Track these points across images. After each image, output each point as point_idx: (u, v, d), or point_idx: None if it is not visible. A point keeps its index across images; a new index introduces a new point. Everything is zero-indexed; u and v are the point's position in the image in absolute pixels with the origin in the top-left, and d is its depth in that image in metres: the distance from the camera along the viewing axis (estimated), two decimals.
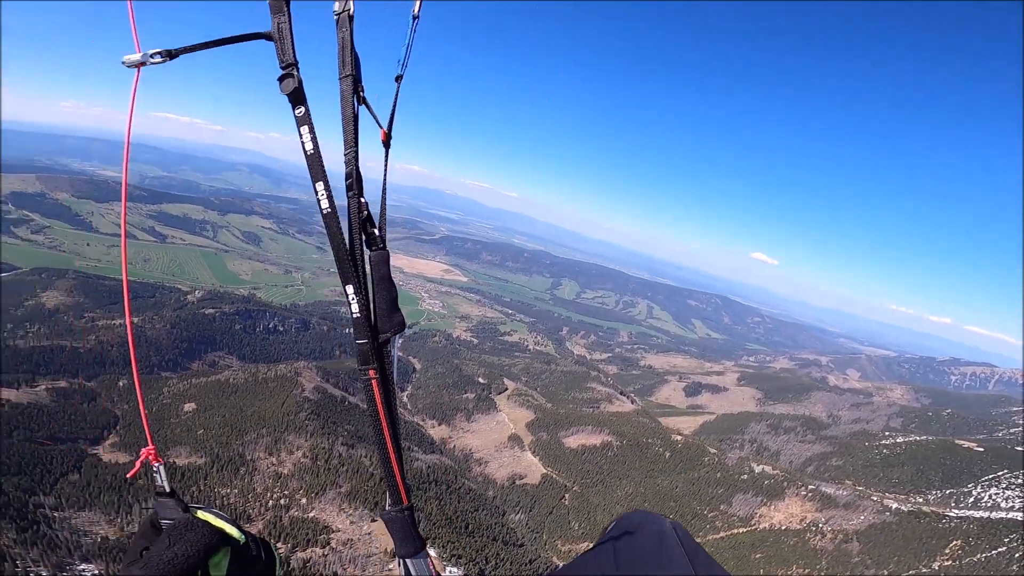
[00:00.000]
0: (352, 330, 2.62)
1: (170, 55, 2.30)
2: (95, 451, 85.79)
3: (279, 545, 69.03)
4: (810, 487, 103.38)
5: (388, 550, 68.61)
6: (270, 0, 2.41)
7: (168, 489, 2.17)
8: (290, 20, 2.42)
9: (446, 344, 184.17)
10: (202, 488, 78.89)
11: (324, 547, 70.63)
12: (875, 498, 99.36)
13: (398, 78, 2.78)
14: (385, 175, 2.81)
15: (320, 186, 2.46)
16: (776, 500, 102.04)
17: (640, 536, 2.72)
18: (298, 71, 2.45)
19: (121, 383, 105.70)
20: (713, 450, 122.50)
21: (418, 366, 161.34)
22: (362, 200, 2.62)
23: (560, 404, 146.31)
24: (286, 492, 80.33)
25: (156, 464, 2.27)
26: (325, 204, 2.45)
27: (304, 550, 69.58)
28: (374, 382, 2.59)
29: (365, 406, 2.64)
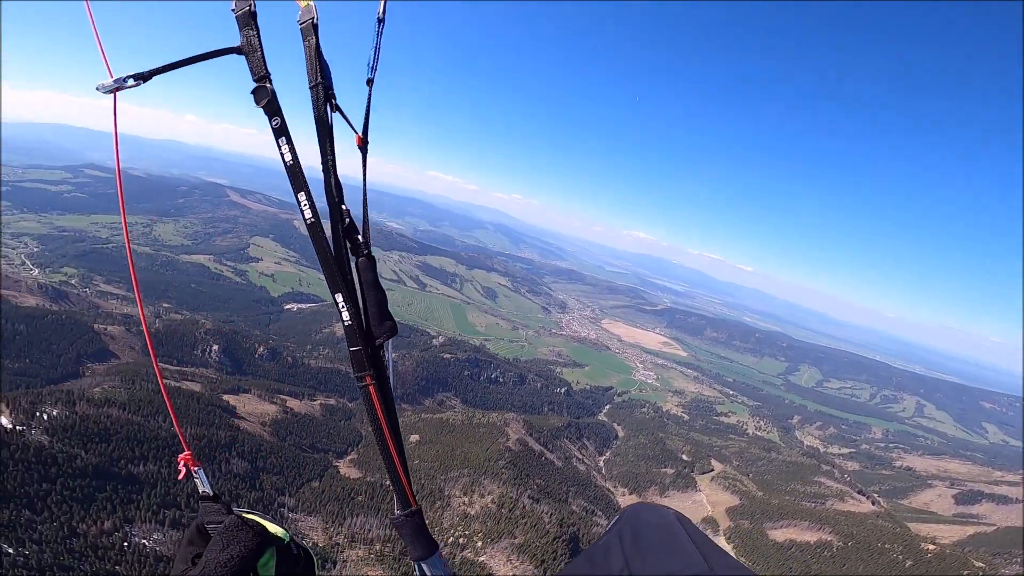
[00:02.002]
0: (345, 338, 2.57)
1: (143, 78, 2.30)
2: (338, 464, 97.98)
3: None
4: None
5: None
6: (237, 15, 2.37)
7: (211, 493, 2.25)
8: (258, 33, 2.37)
9: (654, 416, 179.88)
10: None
11: None
12: None
13: (369, 81, 2.71)
14: (365, 180, 2.77)
15: (302, 196, 2.47)
16: None
17: (646, 529, 2.62)
18: (270, 82, 2.41)
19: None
20: (980, 564, 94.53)
21: (620, 434, 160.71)
22: (344, 208, 2.61)
23: (773, 494, 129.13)
24: (467, 532, 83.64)
25: (195, 468, 2.39)
26: (308, 214, 2.45)
27: None
28: (371, 388, 2.53)
29: (367, 415, 2.57)
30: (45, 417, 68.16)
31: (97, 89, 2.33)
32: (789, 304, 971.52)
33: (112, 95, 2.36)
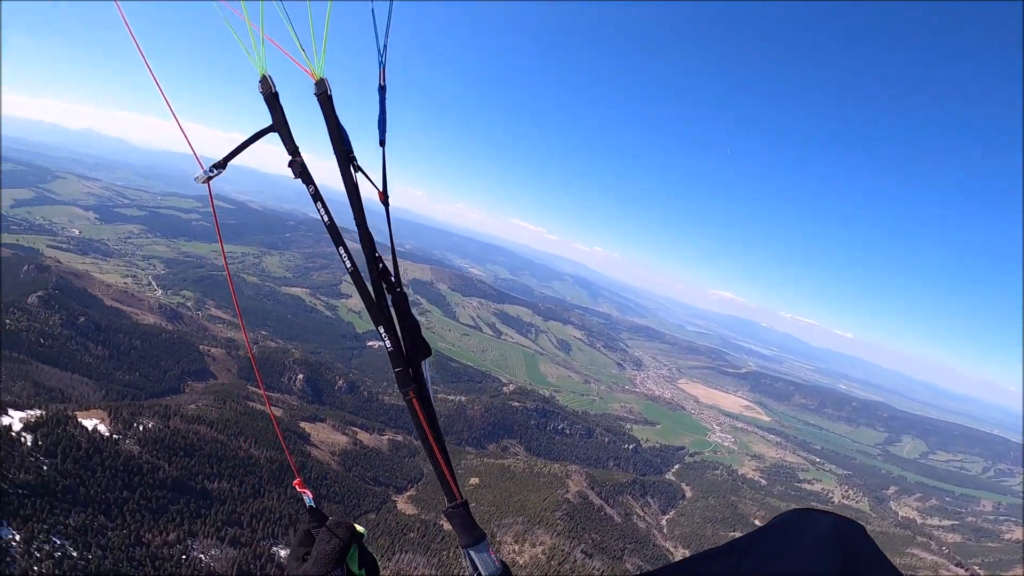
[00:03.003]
0: (390, 363, 3.02)
1: (221, 167, 2.89)
2: (396, 499, 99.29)
3: None
4: None
5: None
6: (264, 96, 2.77)
7: (314, 507, 2.81)
8: (283, 111, 2.82)
9: (727, 479, 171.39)
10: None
11: None
12: None
13: (381, 143, 3.06)
14: (390, 229, 3.22)
15: (342, 250, 2.92)
16: None
17: (783, 531, 2.74)
18: (300, 156, 2.88)
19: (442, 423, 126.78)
20: None
21: (688, 494, 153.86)
22: (376, 255, 2.99)
23: None
24: None
25: (304, 491, 2.92)
26: (348, 264, 2.89)
27: None
28: (414, 400, 2.96)
29: (413, 422, 3.02)
30: (140, 428, 74.22)
31: (195, 180, 2.95)
32: (894, 373, 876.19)
33: (207, 184, 2.97)
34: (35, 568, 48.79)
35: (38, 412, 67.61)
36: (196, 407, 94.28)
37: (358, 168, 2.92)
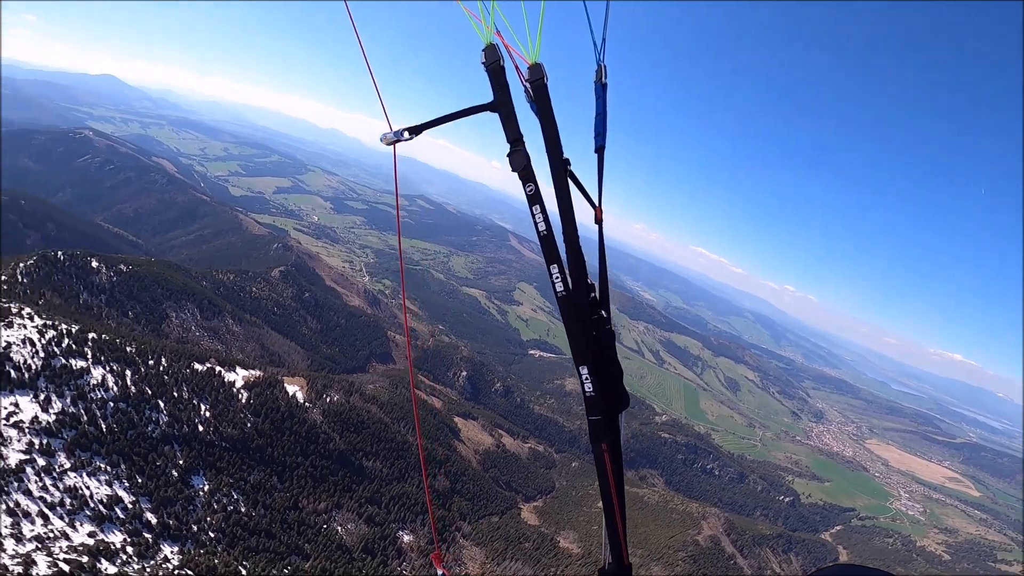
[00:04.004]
0: (585, 407, 2.76)
1: (415, 132, 2.67)
2: (523, 507, 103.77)
3: None
4: None
5: None
6: (488, 68, 2.42)
7: None
8: (508, 89, 2.44)
9: (900, 549, 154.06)
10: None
11: None
12: None
13: (599, 149, 2.76)
14: (603, 257, 2.92)
15: (555, 268, 2.56)
16: None
17: None
18: (523, 144, 2.48)
19: (574, 464, 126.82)
20: None
21: (843, 557, 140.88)
22: (589, 282, 2.70)
23: None
24: None
25: (441, 567, 3.01)
26: (560, 287, 2.56)
27: None
28: (606, 455, 2.78)
29: (599, 476, 2.86)
30: (327, 400, 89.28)
31: (380, 140, 2.81)
32: None
33: (392, 146, 2.86)
34: (209, 519, 61.00)
35: (257, 372, 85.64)
36: (374, 388, 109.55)
37: (574, 177, 2.65)
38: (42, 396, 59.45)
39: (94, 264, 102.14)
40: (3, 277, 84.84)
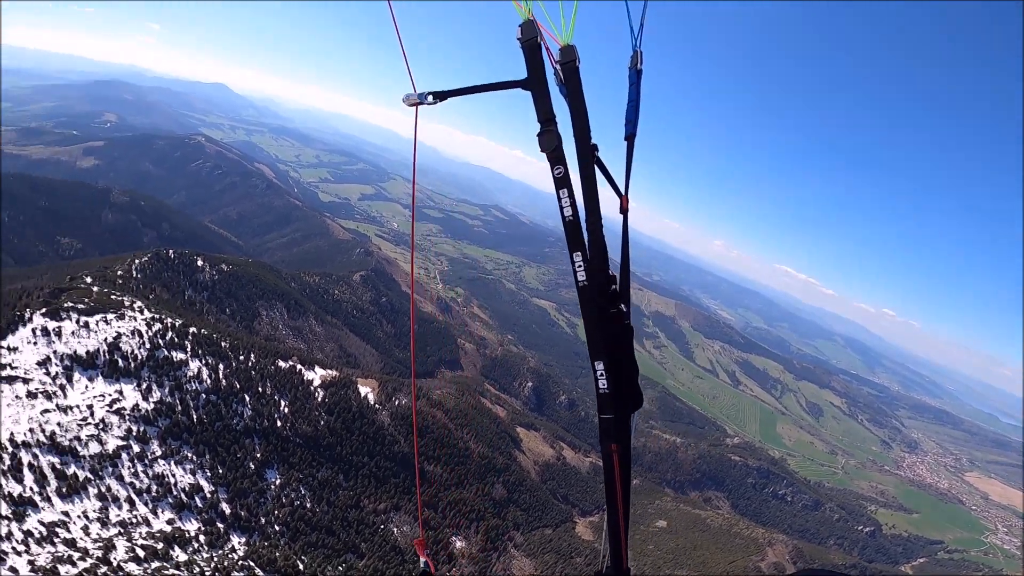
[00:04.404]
0: (596, 405, 2.72)
1: (440, 97, 2.57)
2: (578, 521, 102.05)
3: None
4: None
5: None
6: (523, 44, 2.37)
7: (426, 570, 2.78)
8: (543, 67, 2.39)
9: None
10: None
11: None
12: None
13: (629, 137, 2.73)
14: (626, 247, 2.80)
15: (578, 256, 2.51)
16: None
17: None
18: (555, 125, 2.39)
19: (635, 482, 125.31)
20: None
21: None
22: (610, 274, 2.62)
23: None
24: None
25: (424, 555, 3.00)
26: (582, 276, 2.52)
27: None
28: (615, 456, 2.67)
29: (605, 477, 2.78)
30: (396, 403, 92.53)
31: (403, 101, 2.69)
32: None
33: (414, 108, 2.73)
34: (276, 512, 64.40)
35: (334, 373, 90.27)
36: (440, 393, 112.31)
37: (601, 164, 2.62)
38: (144, 385, 65.89)
39: (199, 263, 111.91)
40: (120, 272, 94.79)
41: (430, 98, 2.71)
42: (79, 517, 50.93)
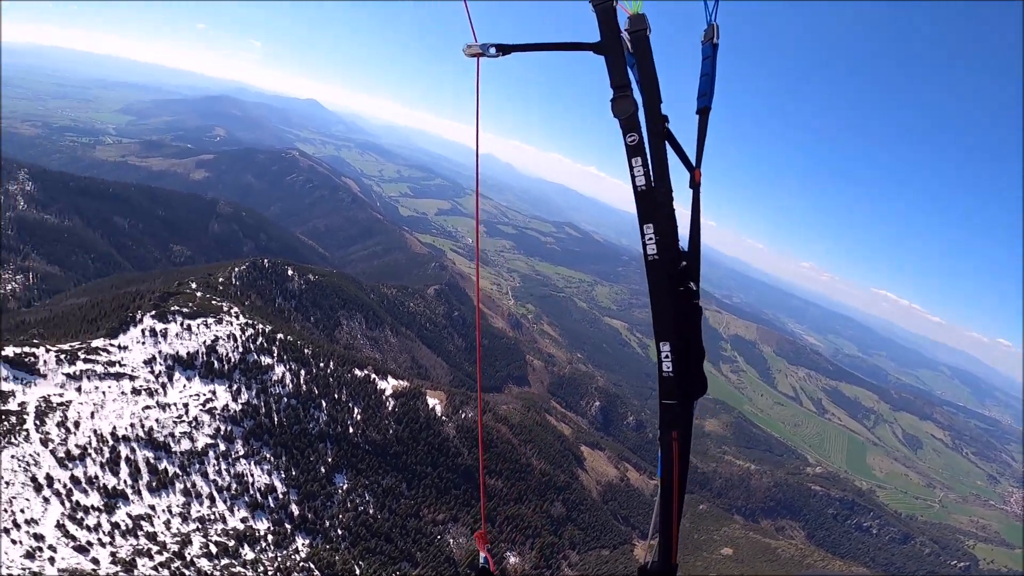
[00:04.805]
0: (659, 389, 2.59)
1: (503, 51, 2.50)
2: (636, 543, 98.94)
3: None
4: None
5: None
6: (597, 8, 2.31)
7: (484, 568, 2.68)
8: (618, 32, 2.34)
9: None
10: None
11: None
12: None
13: (702, 111, 2.64)
14: (697, 221, 2.65)
15: (649, 228, 2.42)
16: None
17: None
18: (630, 91, 2.34)
19: (701, 507, 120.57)
20: None
21: None
22: (680, 251, 2.51)
23: None
24: None
25: (484, 549, 2.90)
26: (652, 249, 2.42)
27: None
28: (675, 443, 2.55)
29: (663, 466, 2.65)
30: (462, 416, 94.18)
31: (463, 51, 2.62)
32: None
33: (476, 59, 2.64)
34: (340, 516, 66.71)
35: (405, 383, 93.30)
36: (506, 408, 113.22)
37: (671, 136, 2.54)
38: (234, 387, 71.22)
39: (289, 272, 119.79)
40: (221, 279, 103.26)
41: (492, 50, 2.68)
42: (163, 511, 55.58)
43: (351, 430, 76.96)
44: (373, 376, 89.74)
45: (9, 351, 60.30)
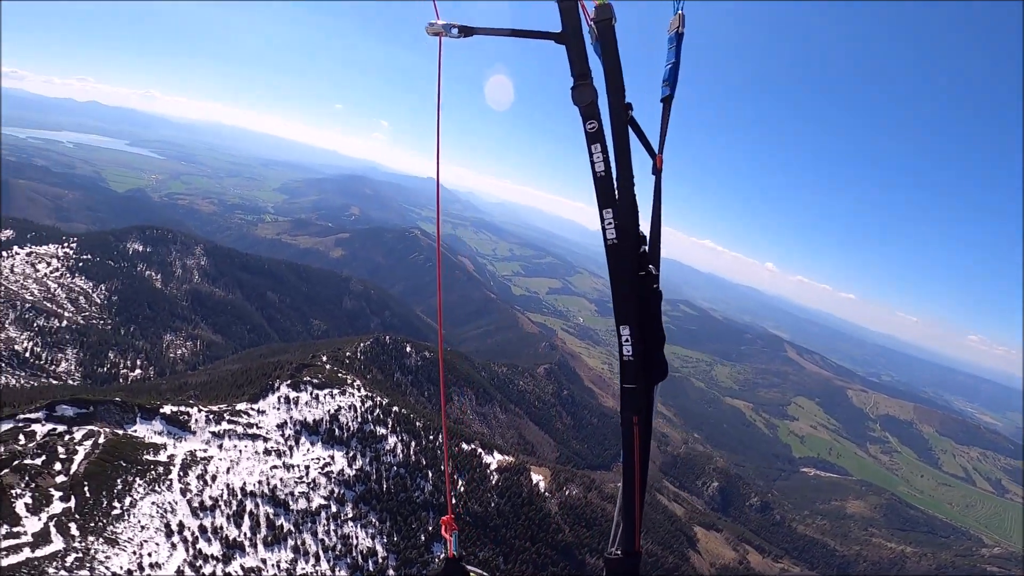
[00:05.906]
0: (620, 374, 2.62)
1: (465, 32, 2.53)
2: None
3: None
4: None
5: None
6: (562, 5, 2.36)
7: (455, 555, 2.79)
8: (579, 22, 2.38)
9: None
10: None
11: None
12: None
13: (665, 99, 2.68)
14: (659, 207, 2.66)
15: (608, 213, 2.39)
16: None
17: None
18: (590, 80, 2.37)
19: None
20: None
21: None
22: (640, 234, 2.51)
23: None
24: None
25: (451, 533, 2.97)
26: (611, 234, 2.39)
27: None
28: (636, 428, 2.59)
29: (624, 451, 2.66)
30: (566, 492, 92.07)
31: (425, 30, 2.58)
32: None
33: (437, 37, 2.60)
34: None
35: (510, 459, 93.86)
36: (614, 486, 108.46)
37: (635, 123, 2.55)
38: (351, 454, 76.65)
39: (408, 349, 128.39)
40: (347, 353, 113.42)
41: (455, 31, 2.68)
42: (272, 565, 59.85)
43: (454, 501, 78.42)
44: (480, 451, 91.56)
45: (168, 408, 70.82)
